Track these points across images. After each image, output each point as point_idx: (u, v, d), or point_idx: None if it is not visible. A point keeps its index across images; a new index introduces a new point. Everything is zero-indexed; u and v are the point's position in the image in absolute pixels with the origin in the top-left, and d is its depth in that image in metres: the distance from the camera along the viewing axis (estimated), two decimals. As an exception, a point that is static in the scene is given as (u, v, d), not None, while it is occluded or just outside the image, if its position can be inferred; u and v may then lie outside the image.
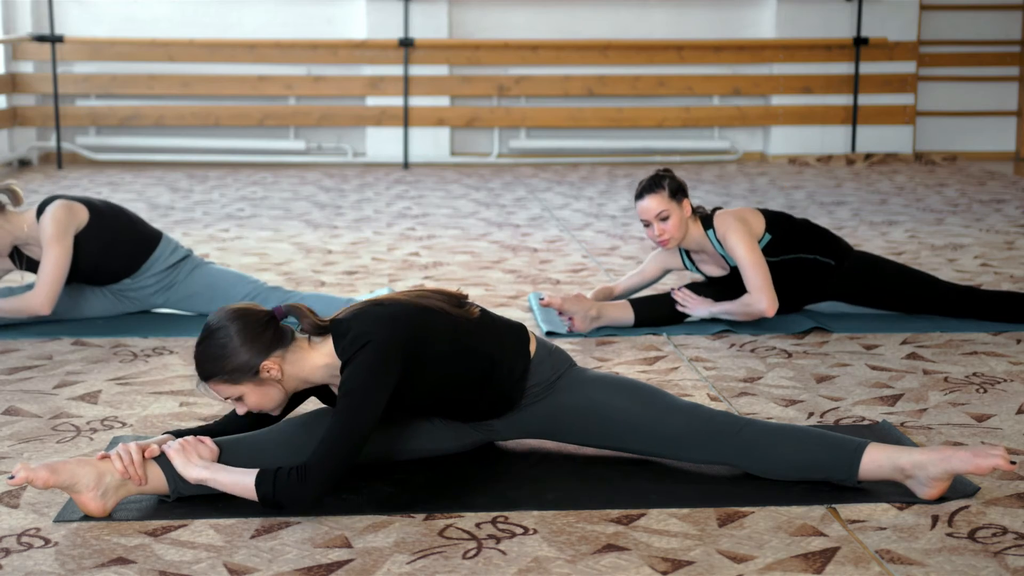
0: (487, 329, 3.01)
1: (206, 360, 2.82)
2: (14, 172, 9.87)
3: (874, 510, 2.81)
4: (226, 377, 2.82)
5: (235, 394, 2.85)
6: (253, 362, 2.81)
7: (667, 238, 4.42)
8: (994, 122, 11.12)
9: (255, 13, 10.56)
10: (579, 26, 10.68)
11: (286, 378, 2.88)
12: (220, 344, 2.80)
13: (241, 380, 2.83)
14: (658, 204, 4.40)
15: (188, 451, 2.81)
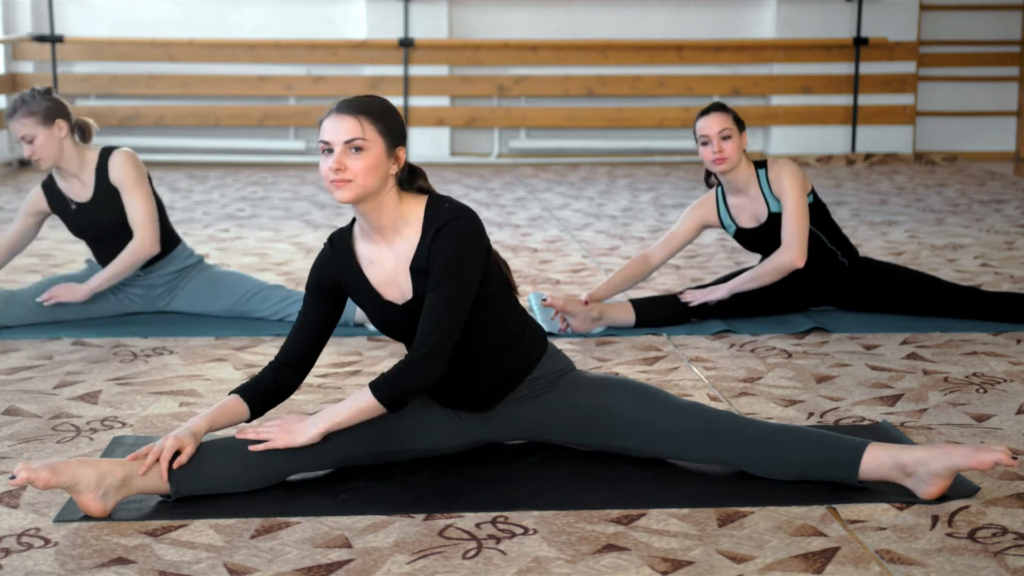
0: (520, 308, 3.11)
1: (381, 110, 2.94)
2: (14, 172, 9.87)
3: (874, 510, 2.81)
4: (383, 127, 2.91)
5: (361, 143, 2.89)
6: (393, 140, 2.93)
7: (725, 157, 4.45)
8: (994, 122, 11.12)
9: (255, 13, 10.56)
10: (579, 26, 10.68)
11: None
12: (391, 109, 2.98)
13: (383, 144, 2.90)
14: (722, 122, 4.45)
15: (283, 427, 2.88)
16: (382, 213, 2.94)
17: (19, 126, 4.38)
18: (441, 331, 2.85)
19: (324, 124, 2.98)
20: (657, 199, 8.40)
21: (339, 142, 2.91)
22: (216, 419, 2.93)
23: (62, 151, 4.44)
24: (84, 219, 4.55)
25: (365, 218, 2.95)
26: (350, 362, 4.15)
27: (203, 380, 3.92)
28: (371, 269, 2.99)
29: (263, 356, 4.20)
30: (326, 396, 3.74)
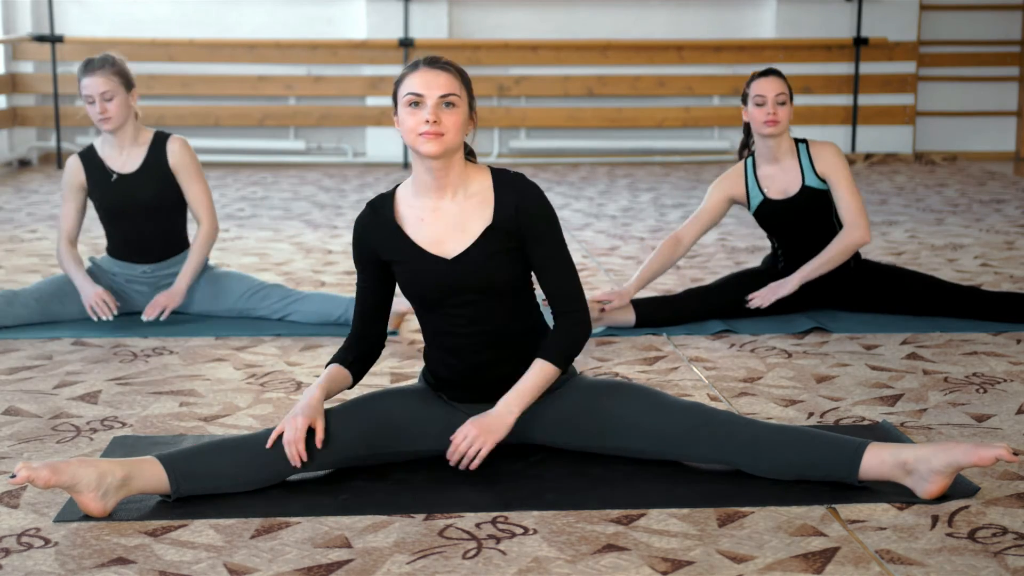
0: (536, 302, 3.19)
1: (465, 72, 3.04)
2: (14, 172, 9.87)
3: (874, 510, 2.81)
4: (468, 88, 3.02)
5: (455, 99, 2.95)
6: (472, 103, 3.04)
7: (778, 120, 4.49)
8: (994, 122, 11.12)
9: (255, 13, 10.56)
10: (579, 26, 10.68)
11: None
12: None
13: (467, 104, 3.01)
14: (780, 86, 4.50)
15: (479, 429, 2.97)
16: (450, 171, 3.01)
17: (103, 81, 4.44)
18: (580, 292, 3.06)
19: (411, 78, 2.97)
20: (657, 199, 8.40)
21: (434, 96, 2.95)
22: (329, 388, 3.03)
23: (127, 119, 4.53)
24: (122, 190, 4.59)
25: (433, 174, 3.00)
26: (350, 362, 4.15)
27: (203, 380, 3.92)
28: (418, 226, 3.03)
29: (263, 356, 4.21)
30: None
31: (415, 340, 4.44)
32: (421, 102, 2.94)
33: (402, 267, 3.03)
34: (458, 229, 3.02)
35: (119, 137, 4.58)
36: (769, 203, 4.63)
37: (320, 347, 4.34)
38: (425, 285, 3.03)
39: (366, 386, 3.85)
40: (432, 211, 3.03)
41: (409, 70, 2.99)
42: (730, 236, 6.80)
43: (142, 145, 4.62)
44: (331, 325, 4.59)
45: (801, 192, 4.59)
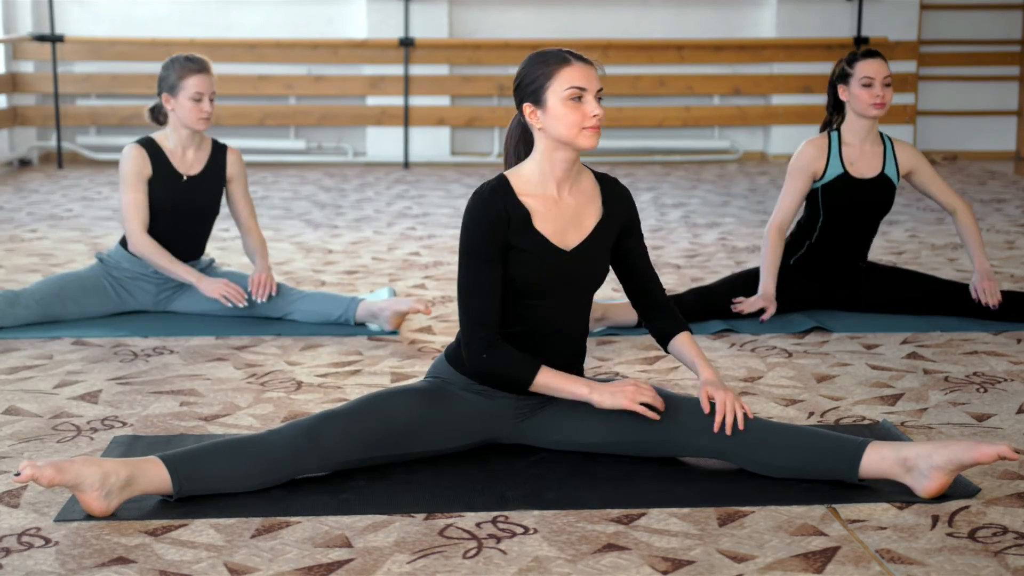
0: None
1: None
2: (14, 172, 9.87)
3: (874, 510, 2.81)
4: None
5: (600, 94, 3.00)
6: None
7: (885, 102, 4.55)
8: (994, 122, 11.12)
9: (255, 13, 10.56)
10: (579, 26, 10.68)
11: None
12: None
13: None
14: (887, 68, 4.56)
15: (728, 395, 2.98)
16: (576, 163, 3.07)
17: (211, 81, 4.60)
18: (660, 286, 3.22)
19: (569, 71, 2.97)
20: (657, 199, 8.40)
21: (594, 89, 2.99)
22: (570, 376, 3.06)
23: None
24: (187, 191, 4.63)
25: (566, 166, 3.04)
26: (350, 362, 4.15)
27: (203, 380, 3.92)
28: (540, 217, 3.04)
29: (263, 356, 4.21)
30: (327, 396, 3.74)
31: (415, 340, 4.44)
32: (584, 96, 2.96)
33: (523, 255, 3.02)
34: (575, 222, 3.07)
35: (191, 138, 4.62)
36: (846, 178, 4.62)
37: (320, 347, 4.34)
38: (541, 275, 3.04)
39: (366, 386, 3.85)
40: (554, 203, 3.05)
41: (559, 63, 2.98)
42: (730, 236, 6.81)
43: (204, 150, 4.68)
44: (331, 325, 4.59)
45: (878, 178, 4.63)
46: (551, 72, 2.97)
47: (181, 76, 4.51)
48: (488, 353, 3.00)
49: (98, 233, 6.84)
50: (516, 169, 3.08)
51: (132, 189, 4.59)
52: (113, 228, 7.01)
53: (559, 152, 3.02)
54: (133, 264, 4.66)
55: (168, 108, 4.58)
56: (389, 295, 5.02)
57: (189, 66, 4.52)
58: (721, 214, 7.64)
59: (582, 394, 3.01)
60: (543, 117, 2.99)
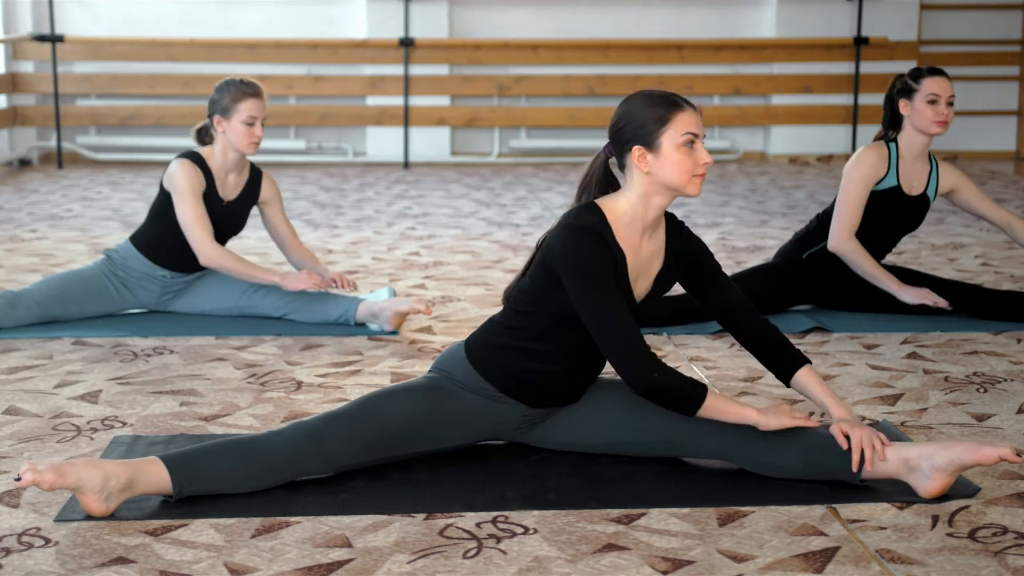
0: None
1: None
2: (14, 172, 9.87)
3: (874, 510, 2.81)
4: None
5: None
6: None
7: (948, 121, 4.59)
8: (994, 122, 11.11)
9: (255, 13, 10.56)
10: (579, 26, 10.67)
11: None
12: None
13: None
14: (952, 87, 4.63)
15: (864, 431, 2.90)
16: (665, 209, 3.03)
17: (263, 107, 4.54)
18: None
19: (684, 117, 2.95)
20: (657, 199, 8.39)
21: (703, 135, 2.97)
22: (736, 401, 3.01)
23: None
24: (223, 216, 4.62)
25: (657, 212, 3.01)
26: (350, 362, 4.15)
27: (203, 380, 3.92)
28: (631, 265, 3.01)
29: (263, 356, 4.21)
30: (326, 396, 3.74)
31: (415, 340, 4.44)
32: (696, 143, 2.94)
33: None
34: (645, 271, 3.04)
35: (239, 163, 4.61)
36: (896, 192, 4.61)
37: (320, 347, 4.34)
38: None
39: (366, 386, 3.85)
40: (636, 248, 3.01)
41: (674, 108, 2.94)
42: (730, 236, 6.81)
43: (244, 175, 4.67)
44: (331, 325, 4.59)
45: (920, 196, 4.63)
46: (666, 117, 2.93)
47: (235, 99, 4.48)
48: (659, 372, 2.88)
49: (98, 233, 6.84)
50: (608, 206, 2.99)
51: (194, 201, 4.51)
52: (113, 228, 7.01)
53: (657, 197, 2.97)
54: (141, 264, 4.65)
55: (219, 131, 4.52)
56: (389, 295, 5.02)
57: (244, 90, 4.49)
58: (721, 214, 7.64)
59: (750, 417, 2.92)
60: (653, 161, 2.94)
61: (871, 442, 2.88)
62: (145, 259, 4.64)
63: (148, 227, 4.66)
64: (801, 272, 4.70)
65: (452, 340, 4.40)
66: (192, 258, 4.63)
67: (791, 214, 7.62)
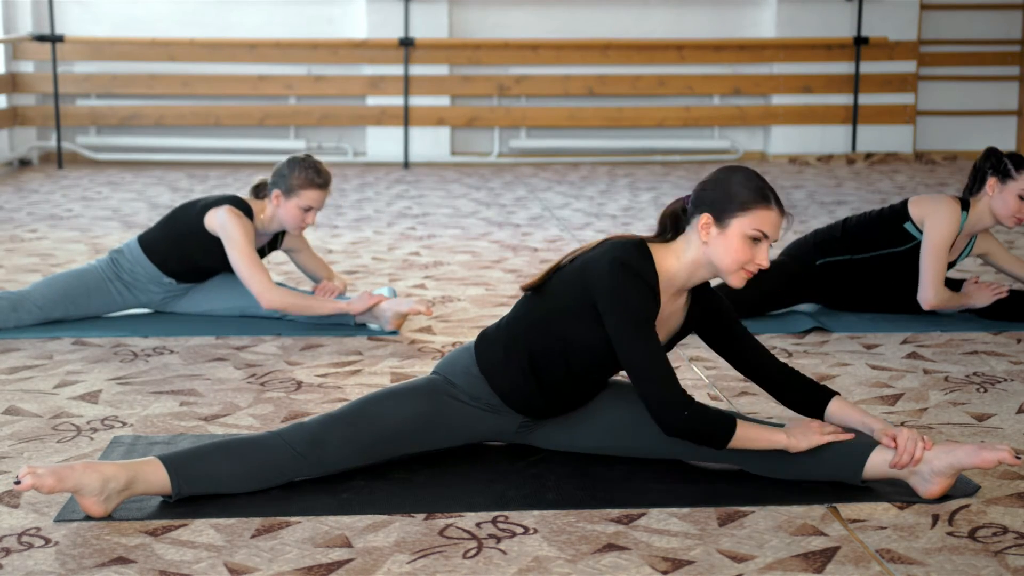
0: None
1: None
2: (14, 172, 9.87)
3: (874, 509, 2.81)
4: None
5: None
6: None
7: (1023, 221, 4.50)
8: (994, 121, 11.11)
9: (255, 13, 10.56)
10: (579, 26, 10.68)
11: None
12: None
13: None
14: None
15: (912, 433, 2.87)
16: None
17: (325, 198, 4.63)
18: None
19: (766, 214, 2.90)
20: (657, 199, 8.40)
21: (772, 240, 2.94)
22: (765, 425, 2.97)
23: None
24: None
25: (698, 281, 2.99)
26: (350, 362, 4.15)
27: (203, 380, 3.92)
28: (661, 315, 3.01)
29: (263, 356, 4.21)
30: (326, 396, 3.74)
31: (415, 340, 4.44)
32: (762, 242, 2.92)
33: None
34: (665, 325, 3.03)
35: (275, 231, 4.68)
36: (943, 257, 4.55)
37: (320, 347, 4.34)
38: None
39: (366, 386, 3.85)
40: (669, 302, 3.00)
41: (761, 203, 2.90)
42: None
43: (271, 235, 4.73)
44: (331, 325, 4.59)
45: (951, 262, 4.64)
46: (750, 205, 2.89)
47: (302, 185, 4.50)
48: (690, 411, 2.84)
49: (98, 233, 6.84)
50: (659, 255, 2.96)
51: (251, 250, 4.49)
52: (113, 228, 7.01)
53: (703, 270, 2.95)
54: (149, 270, 4.64)
55: (274, 203, 4.55)
56: (390, 295, 5.01)
57: (314, 180, 4.52)
58: (721, 214, 7.62)
59: (780, 442, 2.91)
60: (715, 236, 2.91)
61: (915, 442, 2.86)
62: (154, 267, 4.63)
63: (165, 240, 4.62)
64: (812, 276, 4.67)
65: (452, 340, 4.41)
66: (202, 271, 4.63)
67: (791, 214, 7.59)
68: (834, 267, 4.65)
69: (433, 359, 4.16)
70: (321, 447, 2.93)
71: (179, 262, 4.61)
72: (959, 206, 4.50)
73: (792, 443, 2.90)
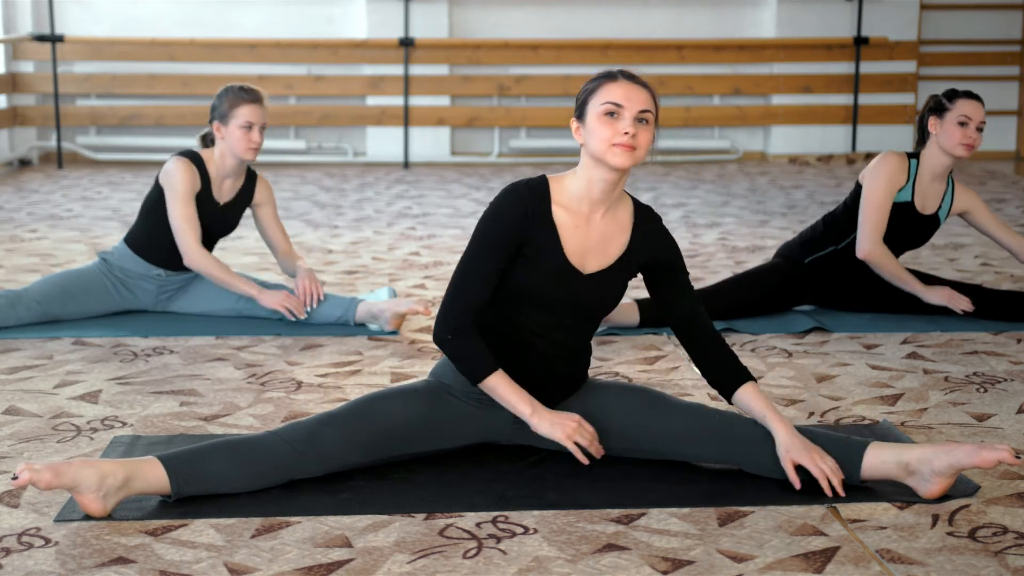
0: None
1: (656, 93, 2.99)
2: (14, 172, 9.87)
3: (874, 509, 2.81)
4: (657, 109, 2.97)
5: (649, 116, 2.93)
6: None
7: (976, 146, 4.50)
8: (994, 122, 11.07)
9: (255, 13, 10.56)
10: (579, 26, 10.67)
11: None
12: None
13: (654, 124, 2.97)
14: (983, 114, 4.49)
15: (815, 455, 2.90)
16: (617, 188, 3.01)
17: (263, 112, 4.66)
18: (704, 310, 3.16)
19: (611, 88, 2.94)
20: (657, 199, 8.40)
21: (633, 109, 2.92)
22: (521, 390, 3.01)
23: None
24: (216, 219, 4.64)
25: (604, 186, 2.98)
26: (350, 362, 4.15)
27: (203, 380, 3.92)
28: (570, 233, 2.99)
29: (263, 356, 4.21)
30: (326, 396, 3.74)
31: (415, 340, 4.44)
32: (619, 113, 2.92)
33: (535, 264, 2.98)
34: (600, 247, 3.02)
35: (237, 169, 4.64)
36: (908, 208, 4.58)
37: (320, 347, 4.34)
38: (549, 289, 3.00)
39: (366, 386, 3.85)
40: (585, 222, 3.00)
41: (606, 80, 2.95)
42: (730, 236, 6.81)
43: (240, 179, 4.70)
44: (331, 325, 4.59)
45: (932, 217, 4.63)
46: (596, 87, 2.95)
47: (233, 105, 4.53)
48: (454, 337, 2.97)
49: (98, 233, 6.84)
50: (560, 176, 3.03)
51: (186, 203, 4.52)
52: (113, 228, 7.01)
53: (597, 171, 2.96)
54: (136, 264, 4.66)
55: (218, 137, 4.56)
56: (390, 295, 5.02)
57: (242, 96, 4.55)
58: (721, 214, 7.64)
59: (524, 412, 2.98)
60: (584, 133, 2.96)
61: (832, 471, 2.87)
62: (140, 259, 4.65)
63: (140, 224, 4.67)
64: (804, 276, 4.69)
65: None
66: (177, 261, 4.64)
67: (791, 214, 7.62)
68: (822, 262, 4.68)
69: (433, 359, 4.16)
70: (319, 442, 2.93)
71: (157, 244, 4.62)
72: (901, 158, 4.56)
73: (534, 421, 2.98)
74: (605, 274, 3.03)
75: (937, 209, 4.63)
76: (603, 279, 3.03)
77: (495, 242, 2.95)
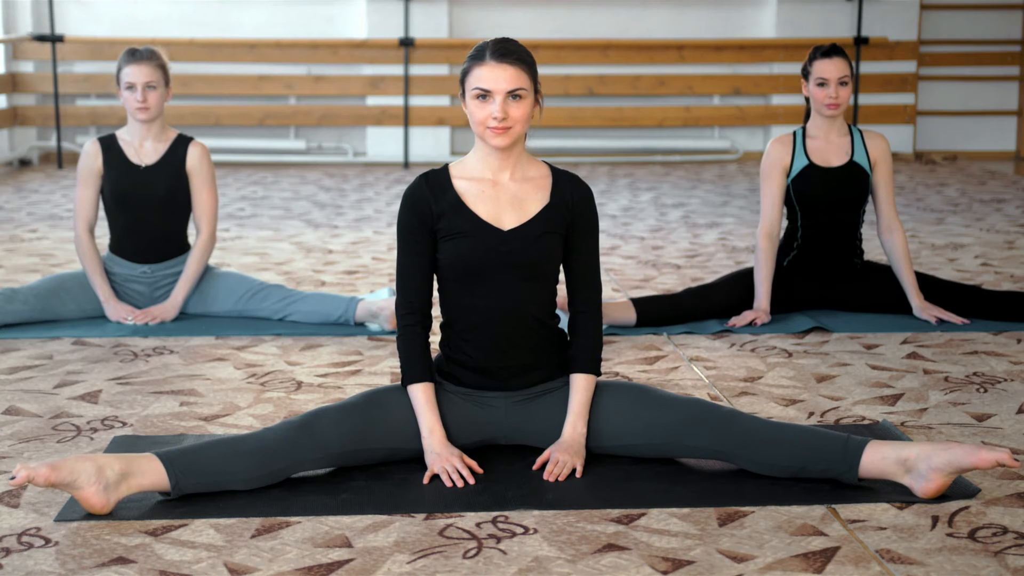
0: None
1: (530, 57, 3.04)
2: (14, 172, 9.87)
3: (874, 510, 2.81)
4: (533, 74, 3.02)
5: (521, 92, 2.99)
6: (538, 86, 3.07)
7: (839, 103, 4.57)
8: (994, 122, 11.12)
9: (255, 13, 10.56)
10: (579, 25, 10.68)
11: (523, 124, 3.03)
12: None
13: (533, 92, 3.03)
14: (843, 68, 4.61)
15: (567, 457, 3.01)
16: (512, 153, 3.07)
17: (149, 71, 4.61)
18: (600, 293, 3.16)
19: (478, 71, 3.00)
20: (657, 199, 8.40)
21: (501, 92, 2.99)
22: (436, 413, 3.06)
23: (160, 113, 4.66)
24: (138, 180, 4.63)
25: (497, 156, 3.06)
26: (350, 362, 4.15)
27: (203, 380, 3.92)
28: (478, 199, 3.06)
29: (263, 356, 4.21)
30: (326, 396, 3.74)
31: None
32: (489, 97, 2.99)
33: (455, 238, 3.04)
34: (516, 205, 3.08)
35: (146, 130, 4.65)
36: (813, 168, 4.61)
37: (320, 347, 4.34)
38: (475, 255, 3.05)
39: (366, 386, 3.85)
40: (492, 186, 3.08)
41: (475, 61, 3.01)
42: (730, 236, 6.81)
43: (164, 142, 4.69)
44: (331, 325, 4.59)
45: (848, 165, 4.62)
46: (469, 69, 3.03)
47: (119, 68, 4.62)
48: (400, 335, 3.10)
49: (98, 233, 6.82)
50: (463, 157, 3.14)
51: (81, 185, 4.69)
52: (113, 228, 7.01)
53: (485, 145, 3.07)
54: (124, 268, 4.67)
55: (121, 101, 4.65)
56: (389, 295, 5.02)
57: (127, 57, 4.61)
58: (721, 214, 7.64)
59: (423, 432, 3.03)
60: (465, 111, 3.06)
61: (562, 468, 2.98)
62: (122, 260, 4.66)
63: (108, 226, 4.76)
64: (786, 279, 4.70)
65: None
66: (162, 244, 4.66)
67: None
68: (798, 261, 4.70)
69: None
70: (313, 426, 2.96)
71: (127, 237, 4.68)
72: (781, 139, 4.65)
73: (425, 443, 3.02)
74: (527, 229, 3.06)
75: (850, 157, 4.63)
76: (525, 233, 3.06)
77: (410, 235, 3.07)
